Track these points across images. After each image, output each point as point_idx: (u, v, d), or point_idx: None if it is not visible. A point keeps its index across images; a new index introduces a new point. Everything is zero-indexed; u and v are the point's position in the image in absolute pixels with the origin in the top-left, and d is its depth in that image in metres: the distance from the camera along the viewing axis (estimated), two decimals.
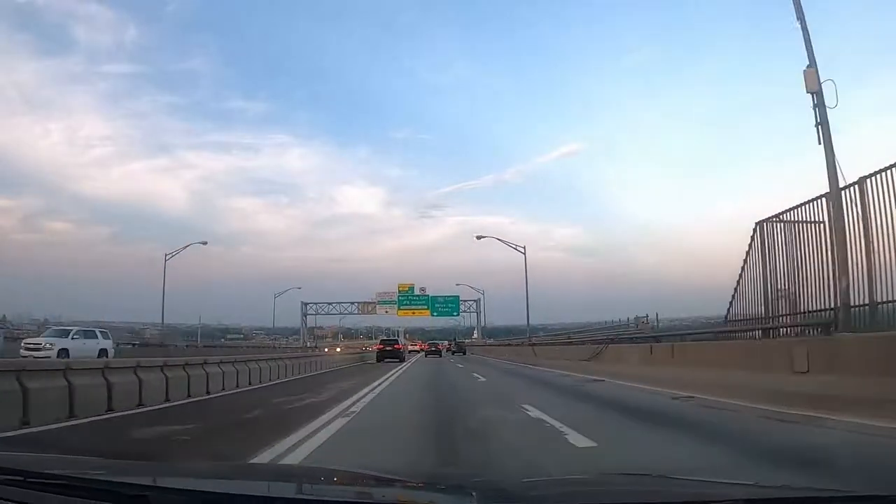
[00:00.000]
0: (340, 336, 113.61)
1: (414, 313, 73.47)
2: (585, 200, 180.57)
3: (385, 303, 74.08)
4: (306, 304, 77.52)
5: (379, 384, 15.10)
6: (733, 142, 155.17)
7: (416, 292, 73.34)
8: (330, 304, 77.15)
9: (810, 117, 11.01)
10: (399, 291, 73.95)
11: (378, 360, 35.82)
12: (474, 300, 74.02)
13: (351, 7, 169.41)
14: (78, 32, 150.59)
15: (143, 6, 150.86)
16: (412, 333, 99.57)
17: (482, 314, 73.68)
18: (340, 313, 77.00)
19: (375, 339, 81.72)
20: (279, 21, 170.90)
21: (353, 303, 76.43)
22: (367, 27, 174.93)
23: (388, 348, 39.44)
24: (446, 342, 73.39)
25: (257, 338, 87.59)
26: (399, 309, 72.78)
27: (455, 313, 73.83)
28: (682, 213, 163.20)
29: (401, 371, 22.76)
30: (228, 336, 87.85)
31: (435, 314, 72.28)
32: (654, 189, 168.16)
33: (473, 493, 1.92)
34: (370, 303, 75.47)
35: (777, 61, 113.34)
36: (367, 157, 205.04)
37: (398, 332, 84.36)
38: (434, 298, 72.38)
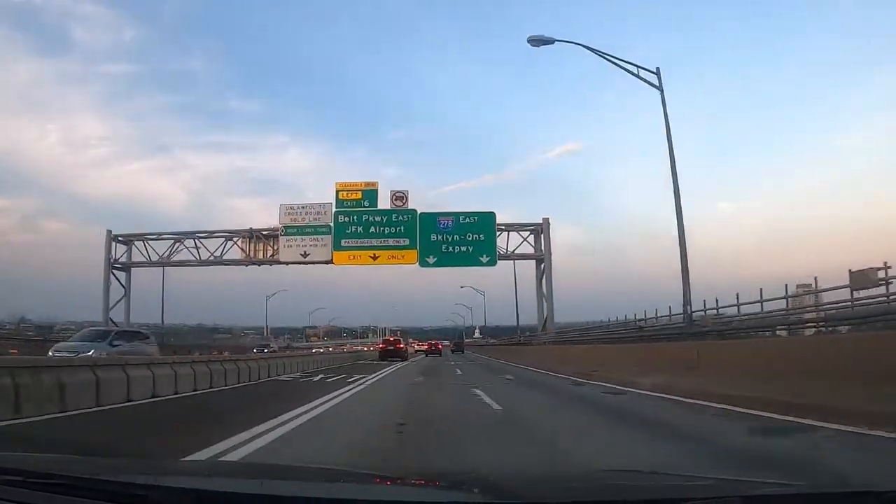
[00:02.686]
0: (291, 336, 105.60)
1: (375, 257, 25.99)
2: (584, 199, 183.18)
3: (299, 232, 26.08)
4: (121, 238, 29.56)
5: None
6: (733, 141, 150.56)
7: (387, 205, 25.12)
8: (177, 236, 29.20)
9: (809, 119, 28.33)
10: (339, 200, 25.56)
11: (381, 359, 36.40)
12: (532, 224, 26.82)
13: (350, 7, 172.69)
14: (76, 32, 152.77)
15: (140, 6, 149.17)
16: (405, 333, 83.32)
17: (549, 291, 26.62)
18: (201, 262, 29.17)
19: (363, 338, 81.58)
20: (277, 21, 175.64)
21: (225, 234, 28.35)
22: (365, 27, 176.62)
23: (390, 348, 40.23)
24: (446, 342, 67.68)
25: (247, 337, 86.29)
26: (337, 248, 31.13)
27: (487, 255, 30.78)
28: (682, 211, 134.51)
29: None
30: (215, 336, 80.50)
31: (432, 260, 26.52)
32: (653, 188, 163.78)
33: (475, 490, 2.01)
34: (267, 232, 27.38)
35: (776, 60, 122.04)
36: (366, 157, 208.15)
37: (388, 331, 79.19)
38: (430, 220, 30.42)
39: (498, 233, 30.41)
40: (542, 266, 31.81)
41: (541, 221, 31.71)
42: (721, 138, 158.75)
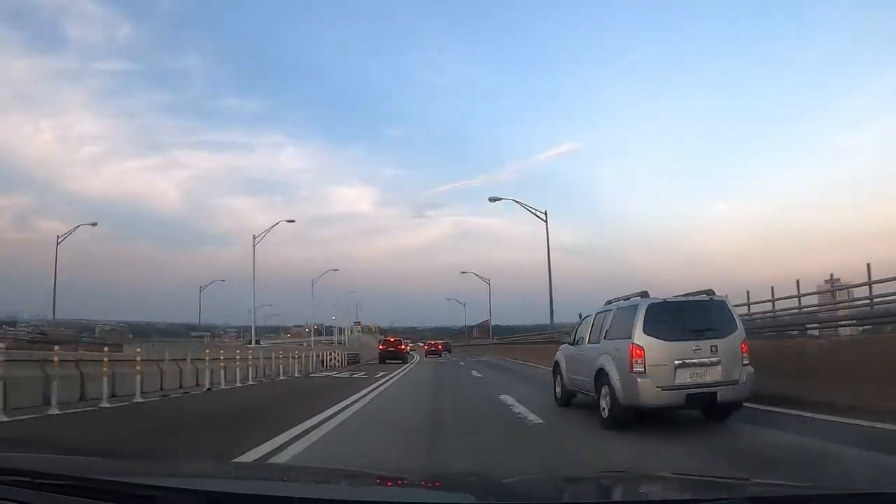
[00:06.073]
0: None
1: None
2: (580, 199, 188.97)
3: None
4: None
5: None
6: (731, 142, 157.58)
7: None
8: None
9: (808, 119, 43.67)
10: None
11: (381, 361, 37.43)
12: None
13: (346, 5, 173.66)
14: (70, 29, 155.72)
15: (136, 3, 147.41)
16: (398, 333, 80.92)
17: None
18: None
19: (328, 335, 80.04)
20: (273, 19, 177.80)
21: None
22: (362, 26, 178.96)
23: (391, 349, 40.03)
24: (440, 343, 71.21)
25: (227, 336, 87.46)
26: None
27: None
28: (677, 212, 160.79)
29: None
30: (193, 334, 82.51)
31: None
32: (649, 188, 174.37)
33: (476, 491, 2.06)
34: None
35: (776, 61, 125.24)
36: (362, 157, 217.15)
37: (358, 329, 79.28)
38: None
39: None
40: None
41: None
42: (719, 138, 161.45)
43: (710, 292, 8.89)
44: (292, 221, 42.56)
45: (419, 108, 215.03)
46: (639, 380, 8.00)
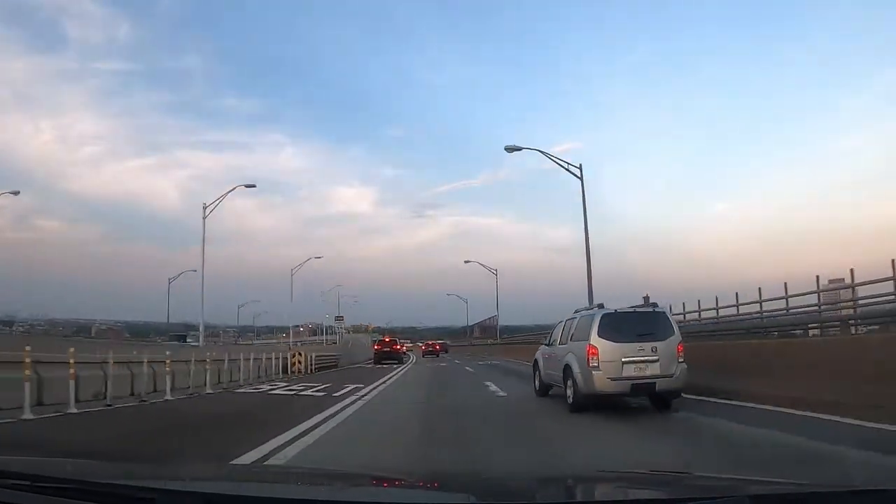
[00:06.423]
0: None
1: None
2: (580, 199, 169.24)
3: None
4: None
5: None
6: (731, 142, 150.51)
7: None
8: None
9: (808, 119, 30.72)
10: None
11: (376, 362, 36.21)
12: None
13: (346, 5, 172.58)
14: (70, 29, 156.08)
15: (136, 3, 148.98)
16: (397, 333, 79.37)
17: None
18: None
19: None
20: (273, 19, 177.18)
21: None
22: (362, 25, 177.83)
23: (385, 349, 38.86)
24: (438, 343, 70.67)
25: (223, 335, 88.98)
26: None
27: None
28: (677, 212, 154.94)
29: None
30: (191, 333, 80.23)
31: None
32: (649, 188, 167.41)
33: (475, 491, 2.09)
34: None
35: (776, 61, 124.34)
36: (362, 157, 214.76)
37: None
38: None
39: None
40: None
41: None
42: (717, 139, 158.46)
43: (654, 305, 11.25)
44: (252, 186, 36.79)
45: (419, 108, 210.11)
46: (594, 373, 10.34)
